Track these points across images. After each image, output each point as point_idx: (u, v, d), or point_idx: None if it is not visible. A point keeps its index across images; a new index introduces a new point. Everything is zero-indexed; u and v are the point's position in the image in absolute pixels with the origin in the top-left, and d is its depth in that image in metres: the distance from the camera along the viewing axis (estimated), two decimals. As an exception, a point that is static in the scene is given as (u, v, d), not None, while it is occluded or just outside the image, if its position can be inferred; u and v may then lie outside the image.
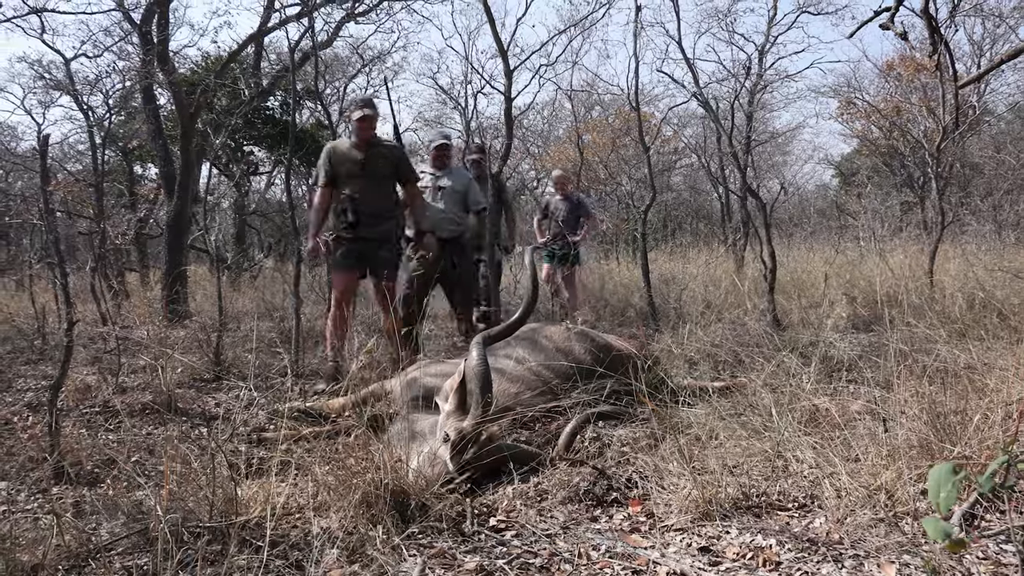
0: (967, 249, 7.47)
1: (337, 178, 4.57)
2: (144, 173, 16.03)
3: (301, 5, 9.61)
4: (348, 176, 4.53)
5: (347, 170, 4.53)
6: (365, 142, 4.54)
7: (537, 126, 21.42)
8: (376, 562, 1.87)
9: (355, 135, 4.59)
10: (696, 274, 7.58)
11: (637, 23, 6.67)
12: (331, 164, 4.56)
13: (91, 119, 11.67)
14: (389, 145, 4.75)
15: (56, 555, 1.88)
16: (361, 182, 4.51)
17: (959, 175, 15.84)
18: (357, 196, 4.49)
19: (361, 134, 4.54)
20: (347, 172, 4.53)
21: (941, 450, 2.28)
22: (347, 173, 4.53)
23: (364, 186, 4.51)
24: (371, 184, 4.54)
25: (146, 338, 4.92)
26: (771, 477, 2.42)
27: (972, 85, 11.32)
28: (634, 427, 3.14)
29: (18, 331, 6.13)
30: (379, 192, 4.57)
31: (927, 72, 14.27)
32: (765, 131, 19.52)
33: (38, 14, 9.76)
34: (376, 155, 4.55)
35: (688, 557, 1.93)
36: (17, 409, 3.70)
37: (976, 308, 4.75)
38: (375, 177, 4.55)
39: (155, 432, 3.30)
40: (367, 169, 4.52)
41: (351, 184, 4.52)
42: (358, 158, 4.52)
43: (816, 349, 3.47)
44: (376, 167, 4.55)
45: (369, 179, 4.53)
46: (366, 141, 4.55)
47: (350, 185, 4.52)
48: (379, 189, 4.58)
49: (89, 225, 9.98)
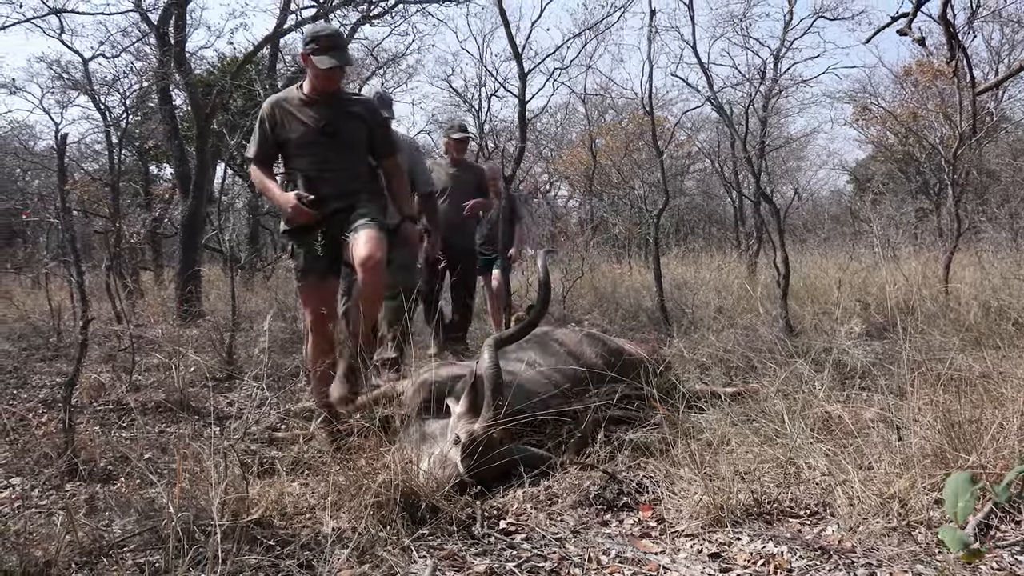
0: (983, 257, 7.39)
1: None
2: (160, 173, 16.17)
3: (317, 7, 9.67)
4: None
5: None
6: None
7: (550, 129, 21.44)
8: (386, 563, 1.88)
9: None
10: (708, 279, 7.55)
11: (651, 27, 6.65)
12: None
13: (108, 119, 11.78)
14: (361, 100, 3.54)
15: (69, 551, 1.90)
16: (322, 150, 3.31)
17: (975, 182, 15.69)
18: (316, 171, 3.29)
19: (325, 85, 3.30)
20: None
21: (955, 459, 2.26)
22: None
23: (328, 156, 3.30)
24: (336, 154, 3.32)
25: (160, 337, 4.96)
26: (783, 484, 2.40)
27: (989, 92, 11.24)
28: (645, 432, 3.13)
29: (34, 328, 6.18)
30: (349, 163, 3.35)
31: (944, 78, 14.17)
32: (779, 136, 19.43)
33: (57, 15, 9.87)
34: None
35: (699, 563, 1.92)
36: (32, 406, 3.74)
37: (992, 316, 4.70)
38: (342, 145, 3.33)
39: (168, 430, 3.32)
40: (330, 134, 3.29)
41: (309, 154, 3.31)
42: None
43: (829, 356, 3.45)
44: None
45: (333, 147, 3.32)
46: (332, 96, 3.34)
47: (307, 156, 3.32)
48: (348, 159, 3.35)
49: (105, 224, 10.06)
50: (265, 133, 3.32)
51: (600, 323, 6.36)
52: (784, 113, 19.48)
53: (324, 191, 3.22)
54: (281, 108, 3.30)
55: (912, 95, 17.14)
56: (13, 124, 16.76)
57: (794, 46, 16.19)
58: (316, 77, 3.24)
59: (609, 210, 16.18)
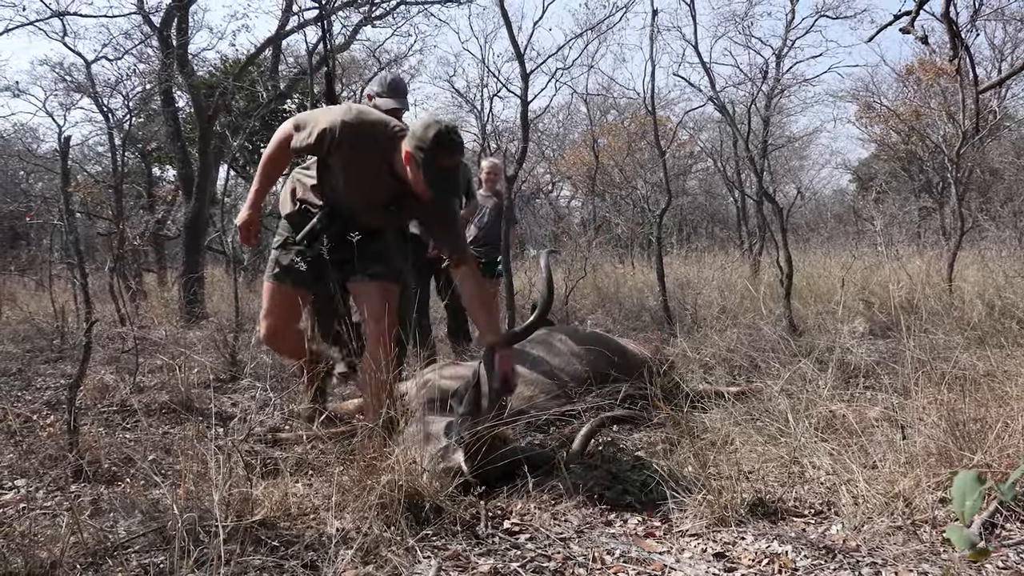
0: (986, 255, 7.38)
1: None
2: (162, 175, 16.18)
3: (318, 9, 9.68)
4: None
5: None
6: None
7: (552, 129, 21.43)
8: (390, 563, 1.88)
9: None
10: (711, 279, 7.55)
11: (653, 27, 6.66)
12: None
13: (111, 121, 11.78)
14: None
15: (74, 552, 1.90)
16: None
17: (979, 180, 15.67)
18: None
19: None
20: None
21: (960, 458, 2.25)
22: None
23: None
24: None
25: (163, 338, 4.96)
26: (787, 483, 2.40)
27: (993, 90, 11.22)
28: (649, 431, 3.13)
29: (38, 330, 6.20)
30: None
31: (947, 76, 14.14)
32: (782, 135, 19.41)
33: (60, 17, 9.88)
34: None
35: (703, 563, 1.92)
36: (36, 407, 3.75)
37: (995, 315, 4.69)
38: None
39: (172, 432, 3.32)
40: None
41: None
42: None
43: (833, 355, 3.45)
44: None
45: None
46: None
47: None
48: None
49: (108, 226, 10.08)
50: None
51: (603, 323, 6.37)
52: (786, 112, 19.47)
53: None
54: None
55: (915, 93, 17.12)
56: (17, 126, 16.81)
57: (796, 45, 16.21)
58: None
59: (612, 210, 16.16)
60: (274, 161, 2.87)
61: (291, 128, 2.78)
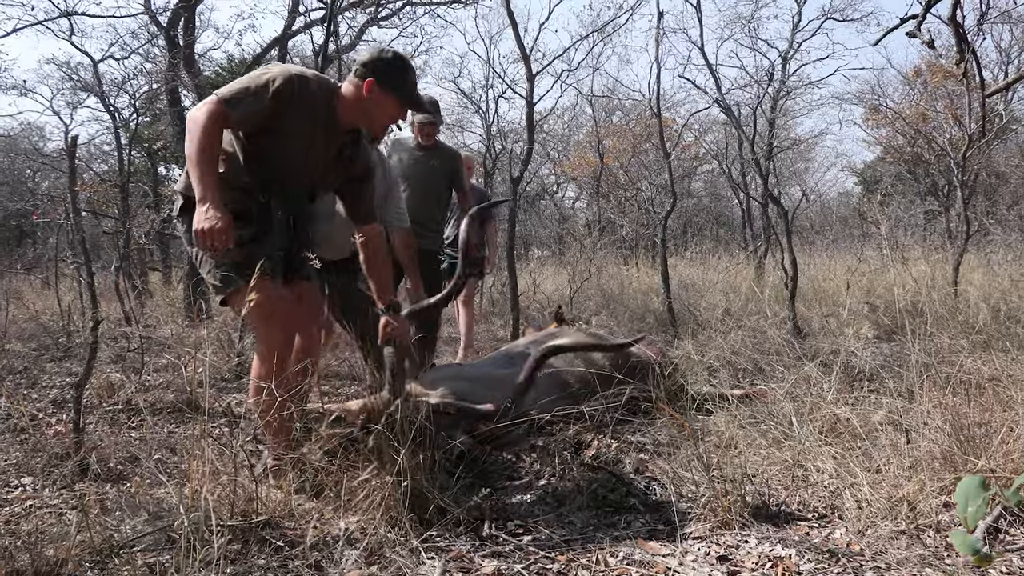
0: (992, 259, 7.36)
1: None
2: (168, 174, 16.21)
3: (325, 9, 9.70)
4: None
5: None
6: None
7: (558, 131, 21.40)
8: (395, 564, 1.88)
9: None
10: (716, 281, 7.54)
11: (659, 29, 6.66)
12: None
13: (117, 120, 11.84)
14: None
15: (80, 551, 1.91)
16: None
17: (985, 184, 15.63)
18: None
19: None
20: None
21: (965, 463, 2.25)
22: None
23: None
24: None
25: (169, 337, 4.98)
26: (791, 487, 2.40)
27: (999, 94, 11.18)
28: (653, 433, 3.13)
29: (44, 329, 6.22)
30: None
31: (953, 79, 14.11)
32: (787, 138, 19.36)
33: (68, 17, 9.94)
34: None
35: (706, 566, 1.92)
36: (43, 406, 3.77)
37: (1001, 319, 4.68)
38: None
39: (177, 431, 3.34)
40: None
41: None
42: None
43: (837, 358, 3.44)
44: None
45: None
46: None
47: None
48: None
49: (114, 225, 10.11)
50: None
51: (608, 324, 6.37)
52: (792, 115, 19.41)
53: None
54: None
55: (921, 96, 17.07)
56: (24, 125, 16.89)
57: (802, 47, 16.13)
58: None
59: (616, 212, 16.14)
60: (211, 148, 2.39)
61: (219, 107, 2.39)
